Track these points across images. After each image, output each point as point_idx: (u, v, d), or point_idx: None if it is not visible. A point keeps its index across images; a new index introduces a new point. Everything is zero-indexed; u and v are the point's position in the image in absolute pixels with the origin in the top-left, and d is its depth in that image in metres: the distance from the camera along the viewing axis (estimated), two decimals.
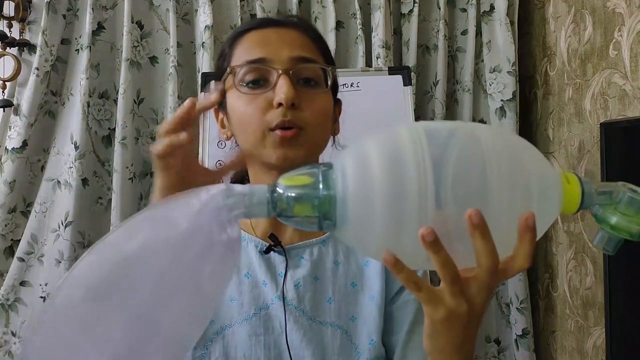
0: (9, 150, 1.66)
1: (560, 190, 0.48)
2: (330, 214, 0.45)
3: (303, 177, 0.46)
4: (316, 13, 1.82)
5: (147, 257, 0.43)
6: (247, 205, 0.45)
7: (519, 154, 0.47)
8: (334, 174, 0.46)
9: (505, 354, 1.85)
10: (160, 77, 1.78)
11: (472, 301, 0.48)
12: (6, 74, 1.69)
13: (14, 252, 1.68)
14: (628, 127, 1.22)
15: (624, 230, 0.48)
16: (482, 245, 0.45)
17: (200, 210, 0.44)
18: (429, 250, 0.45)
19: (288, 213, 0.46)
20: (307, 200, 0.45)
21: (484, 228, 0.44)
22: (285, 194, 0.46)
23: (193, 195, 0.45)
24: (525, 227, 0.45)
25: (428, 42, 1.89)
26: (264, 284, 0.73)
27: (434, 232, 0.44)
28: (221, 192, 0.45)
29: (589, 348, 1.56)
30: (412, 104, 1.65)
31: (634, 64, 1.37)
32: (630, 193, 0.48)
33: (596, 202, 0.49)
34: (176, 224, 0.44)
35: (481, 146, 0.46)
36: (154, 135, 1.78)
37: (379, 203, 0.44)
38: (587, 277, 1.57)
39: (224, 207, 0.44)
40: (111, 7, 1.76)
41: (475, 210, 0.44)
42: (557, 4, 1.73)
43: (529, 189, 0.46)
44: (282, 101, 0.65)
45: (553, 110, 1.76)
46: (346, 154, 0.47)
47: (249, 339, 0.69)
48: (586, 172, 1.57)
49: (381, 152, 0.46)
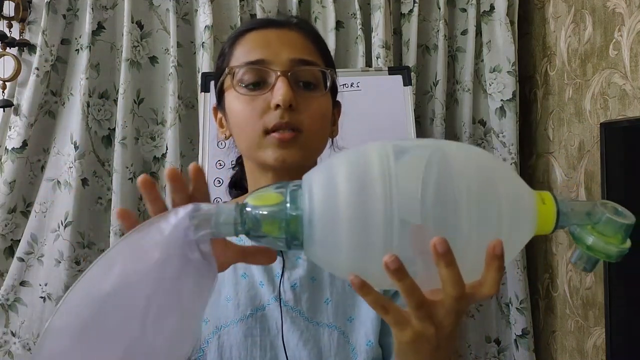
0: (9, 150, 1.66)
1: (534, 211, 0.46)
2: (298, 234, 0.45)
3: (271, 196, 0.46)
4: (316, 13, 1.82)
5: (127, 289, 0.43)
6: (214, 225, 0.45)
7: (490, 176, 0.46)
8: (302, 194, 0.45)
9: (505, 354, 1.85)
10: (160, 77, 1.77)
11: (439, 324, 0.47)
12: (6, 74, 1.68)
13: (14, 252, 1.67)
14: (628, 127, 1.22)
15: (601, 251, 0.47)
16: (447, 274, 0.45)
17: (169, 235, 0.44)
18: (393, 278, 0.44)
19: (256, 233, 0.45)
20: (275, 220, 0.45)
21: (449, 257, 0.44)
22: (252, 213, 0.45)
23: (162, 219, 0.45)
24: (493, 256, 0.45)
25: (428, 42, 1.89)
26: (260, 285, 0.72)
27: (397, 260, 0.43)
28: (188, 213, 0.45)
29: (589, 348, 1.56)
30: (412, 104, 1.65)
31: (634, 64, 1.37)
32: (609, 214, 0.46)
33: (573, 222, 0.47)
34: (149, 252, 0.44)
35: (451, 169, 0.45)
36: (154, 135, 1.78)
37: (344, 226, 0.44)
38: (587, 277, 1.57)
39: (191, 228, 0.44)
40: (111, 7, 1.76)
41: (440, 239, 0.43)
42: (557, 4, 1.73)
43: (500, 213, 0.45)
44: (280, 102, 0.65)
45: (553, 110, 1.76)
46: (315, 173, 0.47)
47: (244, 340, 0.69)
48: (586, 172, 1.57)
49: (348, 173, 0.45)
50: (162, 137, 1.77)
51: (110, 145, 1.74)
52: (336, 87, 0.77)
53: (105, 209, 1.73)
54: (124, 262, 0.44)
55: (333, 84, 0.73)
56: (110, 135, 1.75)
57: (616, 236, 0.46)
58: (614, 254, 0.47)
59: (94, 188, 1.72)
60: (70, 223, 1.65)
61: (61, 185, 1.70)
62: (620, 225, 0.46)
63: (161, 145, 1.77)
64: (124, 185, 1.67)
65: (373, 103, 1.65)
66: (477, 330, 1.85)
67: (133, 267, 0.44)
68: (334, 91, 0.76)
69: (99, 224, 1.72)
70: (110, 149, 1.73)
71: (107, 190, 1.73)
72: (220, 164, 1.53)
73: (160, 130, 1.78)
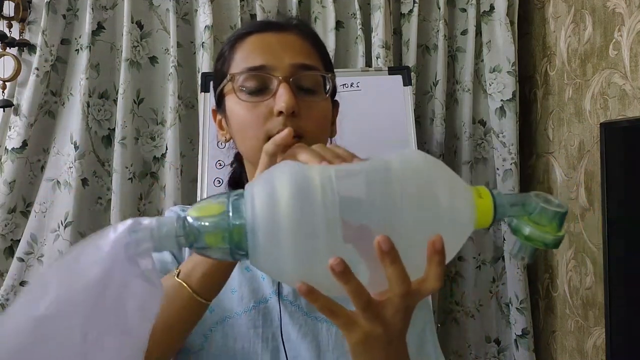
0: (8, 150, 1.66)
1: (472, 206, 0.48)
2: (242, 244, 0.44)
3: (213, 206, 0.45)
4: (316, 13, 1.82)
5: (64, 310, 0.42)
6: (155, 238, 0.44)
7: (427, 176, 0.47)
8: (244, 203, 0.44)
9: (505, 354, 1.85)
10: (160, 77, 1.78)
11: (388, 323, 0.48)
12: (6, 74, 1.69)
13: (14, 252, 1.67)
14: (628, 127, 1.22)
15: (538, 240, 0.48)
16: (393, 272, 0.45)
17: (109, 252, 0.43)
18: (339, 280, 0.44)
19: (199, 244, 0.44)
20: (217, 231, 0.44)
21: (393, 254, 0.45)
22: (194, 225, 0.44)
23: (100, 236, 0.44)
24: (433, 251, 0.46)
25: (428, 42, 1.89)
26: (262, 278, 0.74)
27: (342, 263, 0.44)
28: (127, 229, 0.44)
29: (589, 348, 1.56)
30: (412, 104, 1.65)
31: (634, 64, 1.37)
32: (543, 203, 0.48)
33: (509, 214, 0.49)
34: (87, 270, 0.42)
35: (390, 171, 0.46)
36: (154, 135, 1.78)
37: (287, 233, 0.43)
38: (587, 277, 1.57)
39: (131, 243, 0.43)
40: (111, 7, 1.76)
41: (383, 237, 0.44)
42: (557, 4, 1.73)
43: (439, 210, 0.46)
44: (283, 109, 0.65)
45: (553, 110, 1.76)
46: (257, 181, 0.47)
47: (247, 331, 0.71)
48: (586, 172, 1.57)
49: (290, 180, 0.45)
50: (162, 137, 1.77)
51: (110, 145, 1.74)
52: (336, 89, 0.77)
53: (105, 209, 1.73)
54: (60, 282, 0.42)
55: (333, 87, 0.74)
56: (110, 135, 1.75)
57: (551, 225, 0.48)
58: (551, 242, 0.48)
59: (93, 188, 1.72)
60: (70, 223, 1.65)
61: (61, 185, 1.70)
62: (554, 213, 0.48)
63: (161, 145, 1.77)
64: (124, 185, 1.67)
65: (373, 103, 1.65)
66: (477, 330, 1.85)
67: (70, 287, 0.42)
68: (333, 92, 0.77)
69: (98, 224, 1.72)
70: (110, 149, 1.73)
71: (107, 190, 1.73)
72: (220, 164, 1.53)
73: (160, 130, 1.77)
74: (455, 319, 1.88)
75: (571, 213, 1.64)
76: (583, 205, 1.58)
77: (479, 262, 1.85)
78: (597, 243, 1.51)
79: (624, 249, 1.20)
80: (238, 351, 0.71)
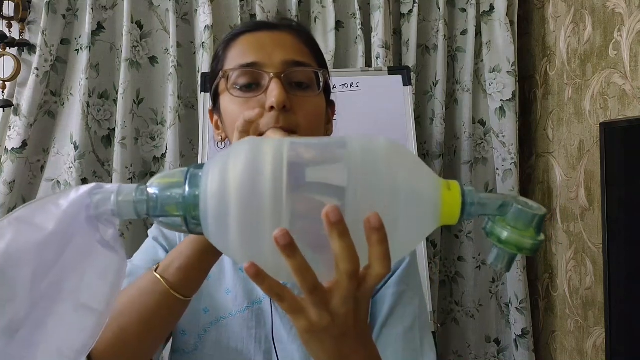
0: (8, 151, 1.66)
1: (437, 196, 0.45)
2: (195, 213, 0.44)
3: (173, 175, 0.45)
4: (316, 13, 1.82)
5: (12, 264, 0.40)
6: (114, 202, 0.44)
7: (386, 156, 0.45)
8: (201, 173, 0.44)
9: (505, 354, 1.85)
10: (160, 77, 1.78)
11: (336, 312, 0.45)
12: (6, 74, 1.68)
13: None
14: (628, 127, 1.22)
15: (514, 244, 0.45)
16: (341, 247, 0.42)
17: (67, 209, 0.42)
18: (284, 253, 0.42)
19: (155, 212, 0.45)
20: (172, 199, 0.44)
21: (342, 227, 0.42)
22: (152, 192, 0.45)
23: (62, 195, 0.43)
24: (370, 229, 0.42)
25: (428, 42, 1.89)
26: None
27: (288, 235, 0.41)
28: (89, 190, 0.43)
29: (588, 348, 1.56)
30: (411, 104, 1.65)
31: (634, 64, 1.37)
32: (520, 205, 0.45)
33: (481, 213, 0.46)
34: (42, 226, 0.41)
35: (345, 148, 0.44)
36: (154, 135, 1.78)
37: (234, 206, 0.42)
38: (587, 277, 1.57)
39: (91, 205, 0.43)
40: (111, 7, 1.76)
41: (332, 208, 0.41)
42: (557, 4, 1.73)
43: (394, 192, 0.43)
44: (274, 104, 0.65)
45: (553, 110, 1.76)
46: (218, 155, 0.46)
47: (241, 332, 0.71)
48: (586, 172, 1.57)
49: (245, 154, 0.44)
50: (162, 137, 1.77)
51: (110, 145, 1.74)
52: (329, 87, 0.77)
53: None
54: (14, 233, 0.41)
55: (326, 84, 0.74)
56: (110, 135, 1.75)
57: (529, 229, 0.45)
58: (528, 247, 0.45)
59: None
60: None
61: (61, 185, 1.70)
62: (532, 216, 0.45)
63: (161, 145, 1.77)
64: None
65: (373, 103, 1.65)
66: (477, 330, 1.85)
67: (22, 239, 0.41)
68: (328, 91, 0.77)
69: None
70: (110, 149, 1.73)
71: None
72: None
73: (160, 130, 1.78)
74: (455, 319, 1.88)
75: (571, 213, 1.64)
76: (583, 205, 1.58)
77: (479, 262, 1.85)
78: (597, 243, 1.51)
79: (624, 249, 1.20)
80: (232, 352, 0.71)
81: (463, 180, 1.85)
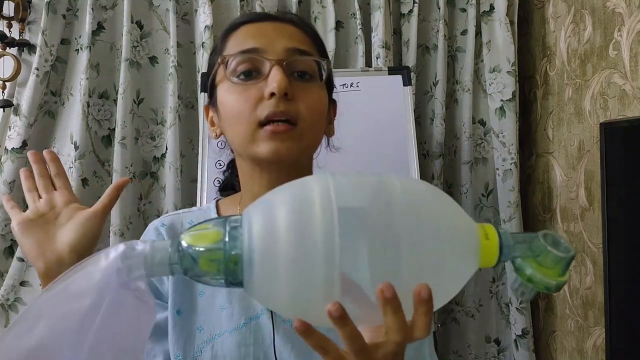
0: (8, 150, 1.66)
1: (477, 247, 0.46)
2: (237, 274, 0.43)
3: (210, 233, 0.44)
4: (316, 13, 1.82)
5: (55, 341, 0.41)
6: (148, 266, 0.43)
7: (432, 217, 0.45)
8: (241, 232, 0.43)
9: (505, 354, 1.85)
10: (160, 77, 1.78)
11: None
12: (6, 74, 1.68)
13: (14, 252, 1.67)
14: (628, 127, 1.22)
15: (540, 283, 0.46)
16: (393, 321, 0.44)
17: (100, 280, 0.42)
18: (335, 325, 0.43)
19: (193, 273, 0.43)
20: (213, 260, 0.43)
21: (396, 303, 0.43)
22: (189, 252, 0.43)
23: (91, 263, 0.43)
24: (419, 301, 0.44)
25: (428, 42, 1.89)
26: None
27: (340, 308, 0.42)
28: (119, 255, 0.43)
29: (588, 348, 1.56)
30: (411, 104, 1.65)
31: (634, 64, 1.37)
32: (550, 246, 0.46)
33: (515, 255, 0.47)
34: (78, 299, 0.42)
35: (392, 212, 0.44)
36: (154, 135, 1.78)
37: (284, 267, 0.42)
38: (587, 277, 1.57)
39: (123, 270, 0.43)
40: (111, 7, 1.76)
41: (387, 285, 0.42)
42: (557, 4, 1.73)
43: (443, 254, 0.44)
44: (275, 90, 0.63)
45: (553, 110, 1.76)
46: (255, 209, 0.45)
47: (238, 349, 0.67)
48: (586, 172, 1.57)
49: (289, 211, 0.43)
50: (162, 137, 1.77)
51: (110, 145, 1.74)
52: (332, 81, 0.75)
53: None
54: (51, 312, 0.42)
55: (329, 77, 0.71)
56: (110, 135, 1.75)
57: (555, 268, 0.46)
58: (553, 287, 0.46)
59: (93, 188, 1.72)
60: None
61: None
62: (560, 258, 0.45)
63: (161, 145, 1.77)
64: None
65: (373, 103, 1.65)
66: (477, 330, 1.85)
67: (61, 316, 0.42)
68: (330, 87, 0.74)
69: None
70: (110, 149, 1.73)
71: None
72: (220, 164, 1.53)
73: (160, 130, 1.78)
74: (455, 319, 1.88)
75: (571, 213, 1.64)
76: (583, 205, 1.58)
77: None
78: (597, 243, 1.51)
79: (624, 249, 1.20)
80: None
81: (463, 180, 1.85)
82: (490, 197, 1.86)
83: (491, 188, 1.86)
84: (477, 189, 1.87)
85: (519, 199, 1.79)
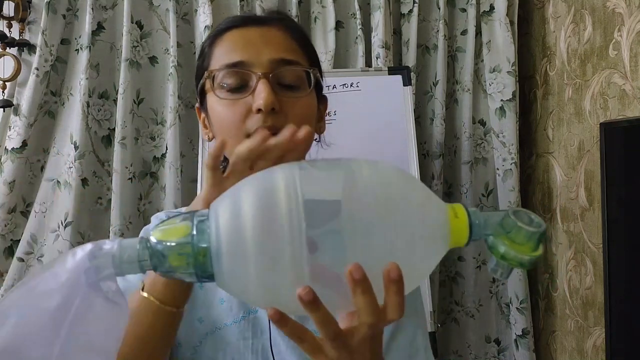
0: (8, 151, 1.66)
1: (447, 226, 0.46)
2: (207, 268, 0.43)
3: (177, 228, 0.44)
4: (316, 13, 1.82)
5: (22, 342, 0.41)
6: (117, 264, 0.43)
7: (399, 197, 0.45)
8: (208, 225, 0.43)
9: (505, 354, 1.85)
10: (160, 77, 1.77)
11: (355, 351, 0.47)
12: (6, 74, 1.68)
13: (14, 252, 1.67)
14: (628, 127, 1.22)
15: (514, 260, 0.46)
16: (364, 302, 0.44)
17: (67, 280, 0.41)
18: (307, 309, 0.43)
19: (163, 268, 0.43)
20: (182, 255, 0.43)
21: (366, 284, 0.43)
22: (157, 248, 0.43)
23: (57, 262, 0.42)
24: (389, 280, 0.44)
25: (428, 42, 1.89)
26: None
27: (311, 292, 0.42)
28: (87, 254, 0.42)
29: (588, 348, 1.56)
30: (411, 104, 1.65)
31: (634, 64, 1.37)
32: (520, 222, 0.46)
33: (486, 232, 0.47)
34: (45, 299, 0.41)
35: (359, 194, 0.44)
36: (154, 135, 1.78)
37: (252, 256, 0.42)
38: (586, 277, 1.57)
39: (91, 269, 0.42)
40: (111, 7, 1.76)
41: (356, 266, 0.42)
42: (557, 4, 1.73)
43: (412, 233, 0.44)
44: (262, 107, 0.63)
45: (553, 110, 1.76)
46: (222, 202, 0.45)
47: (237, 342, 0.69)
48: (586, 172, 1.57)
49: (254, 201, 0.43)
50: (162, 137, 1.77)
51: (110, 145, 1.74)
52: (321, 84, 0.74)
53: (105, 209, 1.73)
54: (18, 314, 0.41)
55: (317, 82, 0.70)
56: (110, 135, 1.75)
57: (528, 244, 0.45)
58: (526, 263, 0.46)
59: (93, 188, 1.72)
60: (70, 223, 1.65)
61: (61, 185, 1.70)
62: (532, 233, 0.45)
63: (161, 145, 1.77)
64: (124, 186, 1.67)
65: (373, 103, 1.65)
66: (477, 330, 1.85)
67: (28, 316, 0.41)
68: (319, 88, 0.73)
69: (98, 224, 1.72)
70: (110, 149, 1.73)
71: (107, 190, 1.73)
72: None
73: (160, 130, 1.77)
74: (455, 319, 1.88)
75: (571, 213, 1.64)
76: (583, 205, 1.58)
77: (479, 262, 1.85)
78: (597, 243, 1.51)
79: (624, 249, 1.20)
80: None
81: (463, 180, 1.85)
82: (491, 197, 1.86)
83: (491, 188, 1.86)
84: (477, 189, 1.87)
85: (519, 199, 1.79)
